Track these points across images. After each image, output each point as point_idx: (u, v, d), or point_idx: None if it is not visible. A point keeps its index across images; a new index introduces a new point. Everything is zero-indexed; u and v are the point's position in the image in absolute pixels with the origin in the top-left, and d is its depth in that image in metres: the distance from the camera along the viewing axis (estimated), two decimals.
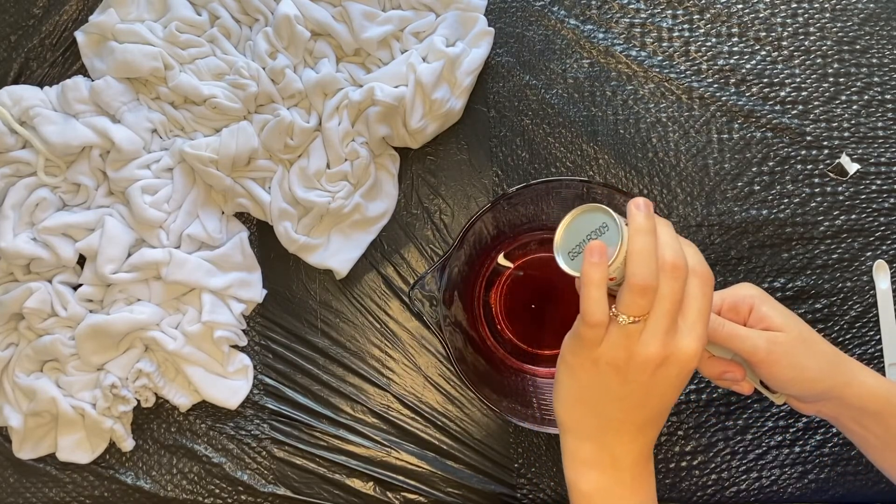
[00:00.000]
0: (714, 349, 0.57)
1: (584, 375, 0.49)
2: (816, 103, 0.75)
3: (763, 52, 0.75)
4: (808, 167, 0.74)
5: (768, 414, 0.73)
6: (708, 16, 0.76)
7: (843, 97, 0.75)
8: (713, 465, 0.73)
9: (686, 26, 0.76)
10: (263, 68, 0.73)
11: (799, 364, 0.54)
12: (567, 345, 0.50)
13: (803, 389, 0.55)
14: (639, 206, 0.47)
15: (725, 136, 0.75)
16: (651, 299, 0.46)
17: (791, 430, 0.73)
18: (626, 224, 0.47)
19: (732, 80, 0.75)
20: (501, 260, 0.72)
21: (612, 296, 0.48)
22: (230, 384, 0.74)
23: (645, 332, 0.47)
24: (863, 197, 0.74)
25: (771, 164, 0.74)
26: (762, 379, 0.57)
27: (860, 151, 0.74)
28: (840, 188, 0.74)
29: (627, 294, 0.46)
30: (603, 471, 0.50)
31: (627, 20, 0.76)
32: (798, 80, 0.75)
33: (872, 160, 0.74)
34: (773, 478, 0.72)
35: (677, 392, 0.49)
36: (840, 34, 0.75)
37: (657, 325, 0.46)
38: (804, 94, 0.75)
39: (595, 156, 0.75)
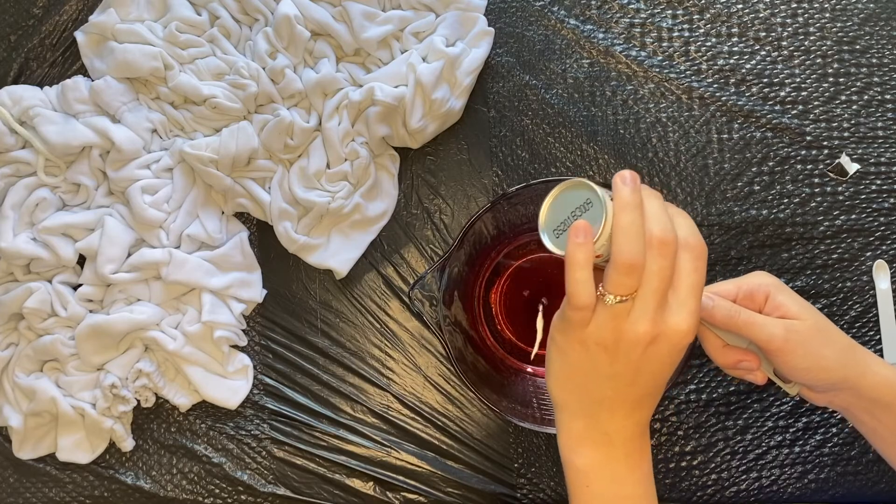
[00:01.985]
0: (729, 338, 0.57)
1: (573, 355, 0.48)
2: (816, 103, 0.75)
3: (763, 52, 0.75)
4: (808, 167, 0.74)
5: (768, 414, 0.73)
6: (708, 16, 0.76)
7: (843, 97, 0.75)
8: (713, 465, 0.73)
9: (686, 26, 0.76)
10: (263, 68, 0.73)
11: (815, 353, 0.54)
12: (555, 325, 0.49)
13: (818, 379, 0.55)
14: (625, 180, 0.45)
15: (725, 136, 0.75)
16: (639, 277, 0.45)
17: (791, 430, 0.73)
18: (612, 199, 0.45)
19: (732, 80, 0.75)
20: (501, 260, 0.72)
21: (600, 270, 0.46)
22: (230, 384, 0.74)
23: (633, 310, 0.45)
24: (863, 197, 0.74)
25: (771, 164, 0.74)
26: (777, 368, 0.56)
27: (860, 151, 0.74)
28: (840, 188, 0.74)
29: (614, 273, 0.45)
30: (597, 448, 0.50)
31: (627, 20, 0.76)
32: (798, 80, 0.75)
33: (872, 160, 0.74)
34: (773, 478, 0.72)
35: (670, 369, 0.48)
36: (840, 34, 0.75)
37: (646, 304, 0.45)
38: (804, 94, 0.75)
39: (595, 156, 0.75)
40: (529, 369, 0.71)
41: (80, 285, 0.74)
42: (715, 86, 0.75)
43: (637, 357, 0.47)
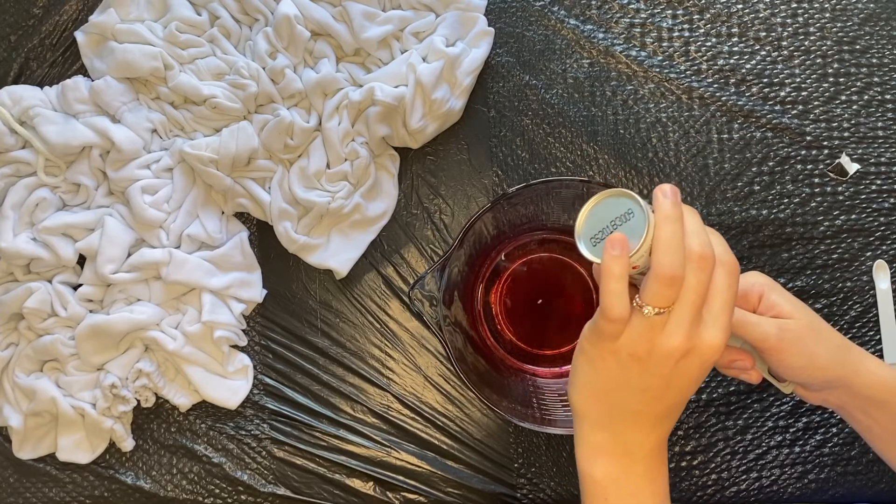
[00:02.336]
0: None
1: (602, 366, 0.48)
2: (816, 103, 0.75)
3: (763, 52, 0.75)
4: (808, 167, 0.74)
5: (768, 414, 0.73)
6: (708, 16, 0.76)
7: (843, 97, 0.75)
8: (713, 465, 0.73)
9: (686, 26, 0.76)
10: (263, 68, 0.73)
11: (809, 351, 0.54)
12: (586, 335, 0.49)
13: (812, 377, 0.55)
14: (665, 194, 0.45)
15: (725, 136, 0.75)
16: (678, 290, 0.45)
17: (791, 430, 0.73)
18: (653, 211, 0.46)
19: (732, 80, 0.75)
20: (501, 260, 0.72)
21: (633, 285, 0.46)
22: (230, 384, 0.74)
23: (669, 323, 0.45)
24: (863, 197, 0.74)
25: (771, 164, 0.74)
26: (771, 367, 0.57)
27: (860, 151, 0.74)
28: (840, 188, 0.74)
29: (654, 284, 0.44)
30: (616, 460, 0.50)
31: (627, 20, 0.76)
32: (798, 80, 0.75)
33: (872, 160, 0.74)
34: (773, 478, 0.72)
35: (697, 384, 0.48)
36: (840, 34, 0.75)
37: (682, 317, 0.45)
38: (804, 94, 0.75)
39: (595, 156, 0.75)
40: (529, 369, 0.71)
41: (80, 285, 0.74)
42: (715, 86, 0.75)
43: (668, 371, 0.47)
